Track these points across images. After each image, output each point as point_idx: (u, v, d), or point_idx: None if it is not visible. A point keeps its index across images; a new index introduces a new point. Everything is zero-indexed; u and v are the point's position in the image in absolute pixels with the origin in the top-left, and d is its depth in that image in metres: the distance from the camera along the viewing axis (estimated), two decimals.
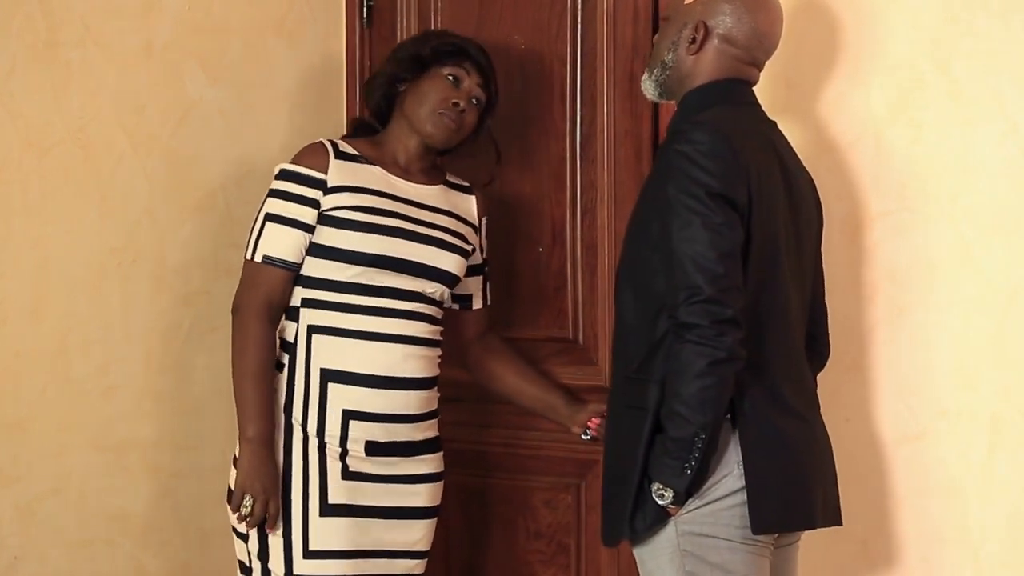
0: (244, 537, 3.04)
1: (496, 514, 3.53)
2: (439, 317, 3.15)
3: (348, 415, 3.03)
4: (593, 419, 3.18)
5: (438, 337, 3.15)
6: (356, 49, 3.67)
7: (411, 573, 3.15)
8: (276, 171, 3.10)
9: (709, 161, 2.60)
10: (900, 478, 3.02)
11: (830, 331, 2.97)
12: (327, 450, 3.03)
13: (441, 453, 3.19)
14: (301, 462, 3.02)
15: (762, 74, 2.85)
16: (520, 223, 3.45)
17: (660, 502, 2.66)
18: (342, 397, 3.03)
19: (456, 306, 3.28)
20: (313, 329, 3.04)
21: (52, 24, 3.21)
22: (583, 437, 3.23)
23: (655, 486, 2.65)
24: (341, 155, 3.10)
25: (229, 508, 3.04)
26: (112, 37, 3.30)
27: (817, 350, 2.92)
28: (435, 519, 3.18)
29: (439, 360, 3.15)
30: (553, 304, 3.41)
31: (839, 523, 2.82)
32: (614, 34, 3.28)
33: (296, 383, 3.05)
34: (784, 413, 2.72)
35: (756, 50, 2.80)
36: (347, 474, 3.04)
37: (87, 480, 3.30)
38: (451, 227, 3.16)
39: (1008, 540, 2.92)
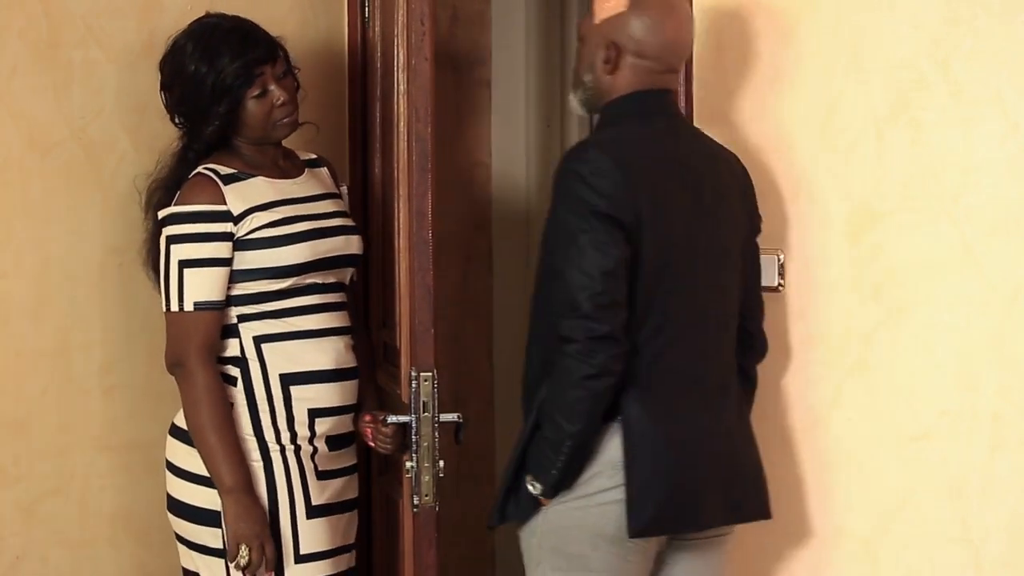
0: (220, 553, 3.05)
1: None
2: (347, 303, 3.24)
3: (313, 413, 3.10)
4: (367, 429, 3.21)
5: None
6: (357, 49, 3.67)
7: (354, 565, 3.25)
8: (168, 215, 3.06)
9: (597, 180, 2.70)
10: (902, 478, 3.01)
11: (833, 331, 3.00)
12: (301, 452, 3.09)
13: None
14: (283, 468, 3.07)
15: (763, 73, 2.86)
16: (377, 224, 3.45)
17: (532, 492, 2.80)
18: (305, 397, 3.09)
19: None
20: (260, 339, 3.08)
21: (54, 24, 3.22)
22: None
23: (528, 476, 2.81)
24: (226, 179, 3.09)
25: (177, 518, 3.10)
26: (113, 37, 3.31)
27: (750, 344, 2.98)
28: None
29: None
30: (389, 307, 3.35)
31: (761, 518, 2.92)
32: (407, 23, 3.08)
33: (257, 395, 3.08)
34: (675, 418, 2.81)
35: (669, 57, 2.87)
36: (319, 474, 3.12)
37: (89, 480, 3.31)
38: (339, 208, 3.23)
39: (1009, 540, 2.92)
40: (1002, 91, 2.87)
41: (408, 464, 3.02)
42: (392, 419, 3.06)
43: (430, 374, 3.00)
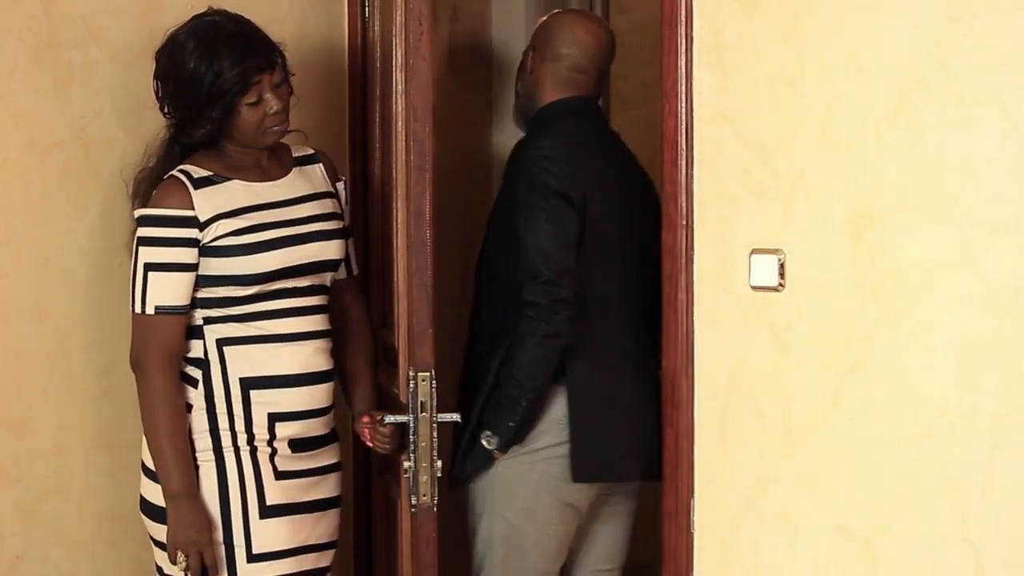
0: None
1: None
2: (328, 305, 3.24)
3: (274, 417, 3.10)
4: (364, 429, 3.22)
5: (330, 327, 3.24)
6: (358, 49, 3.68)
7: (327, 564, 3.24)
8: (138, 217, 3.10)
9: (552, 164, 3.21)
10: (902, 478, 3.01)
11: (833, 331, 3.03)
12: (258, 453, 3.09)
13: (338, 443, 3.28)
14: (236, 468, 3.08)
15: (762, 73, 2.87)
16: (376, 223, 3.47)
17: (487, 447, 3.25)
18: (266, 401, 3.10)
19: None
20: (223, 342, 3.10)
21: (54, 24, 3.22)
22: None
23: (485, 432, 3.25)
24: (198, 183, 3.09)
25: (147, 518, 3.16)
26: (113, 37, 3.31)
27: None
28: (339, 508, 3.28)
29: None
30: (388, 307, 3.39)
31: (658, 479, 3.25)
32: (405, 23, 3.10)
33: (216, 396, 3.09)
34: (606, 379, 3.33)
35: (580, 58, 3.43)
36: (279, 474, 3.11)
37: (88, 480, 3.31)
38: (322, 211, 3.21)
39: (1009, 540, 2.91)
40: (1002, 91, 2.87)
41: (406, 464, 3.02)
42: (390, 419, 3.06)
43: (428, 374, 3.00)
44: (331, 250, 3.20)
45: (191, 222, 3.06)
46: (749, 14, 3.13)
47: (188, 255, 3.06)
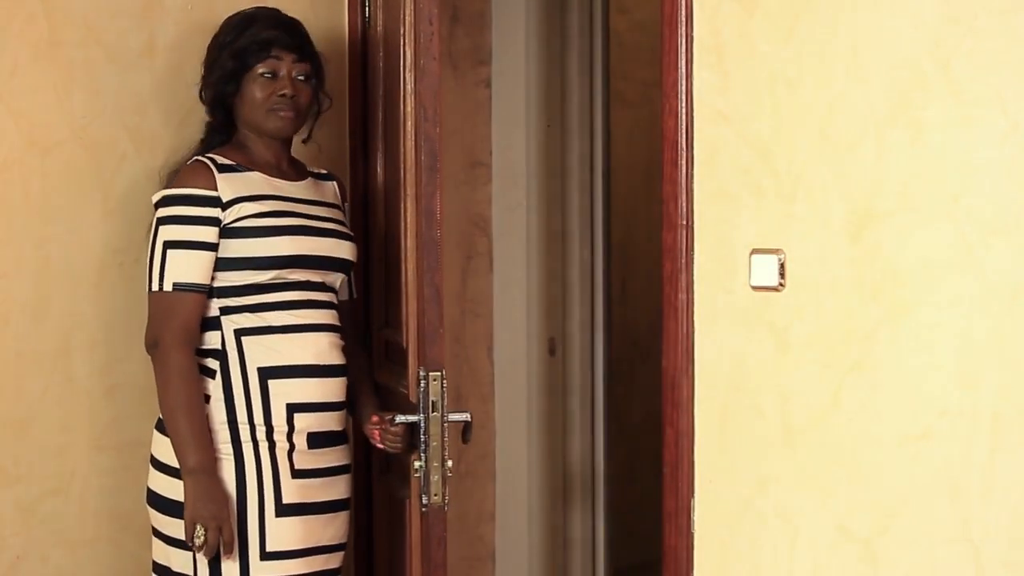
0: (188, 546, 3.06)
1: None
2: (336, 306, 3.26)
3: (292, 408, 3.11)
4: (374, 430, 3.21)
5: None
6: (358, 48, 3.68)
7: (336, 566, 3.24)
8: (159, 198, 3.11)
9: None
10: (902, 478, 3.01)
11: (833, 331, 3.04)
12: (276, 449, 3.09)
13: (348, 444, 3.30)
14: (254, 464, 3.08)
15: (761, 73, 2.88)
16: (380, 224, 3.49)
17: None
18: (284, 392, 3.11)
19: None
20: (241, 332, 3.10)
21: (54, 24, 3.22)
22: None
23: None
24: (222, 168, 3.12)
25: (155, 511, 3.13)
26: (114, 37, 3.31)
27: None
28: (349, 510, 3.29)
29: None
30: (393, 308, 3.40)
31: None
32: (415, 23, 3.10)
33: (234, 387, 3.10)
34: None
35: None
36: (296, 472, 3.12)
37: (89, 479, 3.31)
38: (334, 216, 3.27)
39: (1009, 540, 2.91)
40: (1002, 91, 2.87)
41: (417, 464, 3.01)
42: (400, 419, 3.05)
43: (439, 373, 2.99)
44: (346, 250, 3.24)
45: (214, 201, 3.09)
46: (749, 14, 3.14)
47: (209, 234, 3.08)
